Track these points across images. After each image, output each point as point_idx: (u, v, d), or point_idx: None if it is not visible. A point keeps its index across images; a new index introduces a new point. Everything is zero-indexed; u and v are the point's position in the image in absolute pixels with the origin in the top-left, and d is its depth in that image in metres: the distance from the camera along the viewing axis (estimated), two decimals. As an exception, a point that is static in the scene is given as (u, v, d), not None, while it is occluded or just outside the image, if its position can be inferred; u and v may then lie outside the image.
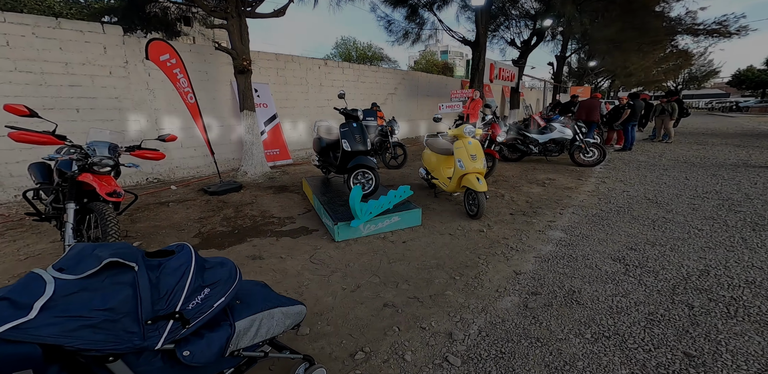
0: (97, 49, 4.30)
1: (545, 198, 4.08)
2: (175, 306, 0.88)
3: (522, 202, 3.92)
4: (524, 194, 4.27)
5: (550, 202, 3.90)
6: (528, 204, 3.83)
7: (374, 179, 3.39)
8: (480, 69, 7.78)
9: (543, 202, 3.91)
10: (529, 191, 4.41)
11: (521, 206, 3.78)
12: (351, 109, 3.47)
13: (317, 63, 7.13)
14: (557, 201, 3.93)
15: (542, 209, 3.66)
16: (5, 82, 3.73)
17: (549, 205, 3.79)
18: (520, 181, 4.97)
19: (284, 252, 2.53)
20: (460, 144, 3.39)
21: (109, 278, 0.85)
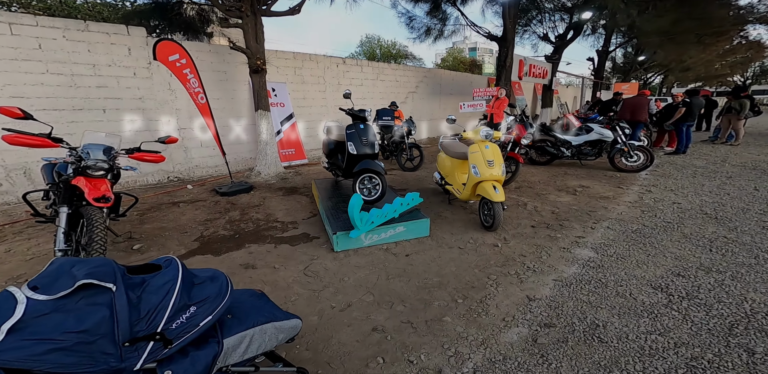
0: (122, 51, 4.51)
1: (575, 208, 3.71)
2: (157, 327, 0.87)
3: (547, 213, 3.58)
4: (550, 203, 3.91)
5: (581, 214, 3.53)
6: (554, 216, 3.50)
7: (381, 185, 3.23)
8: (507, 65, 7.35)
9: (572, 214, 3.55)
10: (556, 200, 4.04)
11: (545, 217, 3.45)
12: (358, 110, 3.34)
13: (335, 61, 7.09)
14: (589, 213, 3.55)
15: (570, 222, 3.32)
16: (38, 83, 4.00)
17: (579, 218, 3.43)
18: (547, 188, 4.59)
19: (279, 262, 2.45)
20: (476, 148, 3.14)
21: (85, 299, 0.83)
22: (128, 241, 2.73)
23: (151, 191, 4.62)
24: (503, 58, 7.36)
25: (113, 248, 2.59)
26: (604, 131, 5.55)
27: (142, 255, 2.48)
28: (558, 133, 5.89)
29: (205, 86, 5.40)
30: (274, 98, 5.94)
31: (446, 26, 9.16)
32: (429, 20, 9.01)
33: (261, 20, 4.55)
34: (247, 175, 5.35)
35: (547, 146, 5.96)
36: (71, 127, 4.31)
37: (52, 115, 4.16)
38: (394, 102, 6.71)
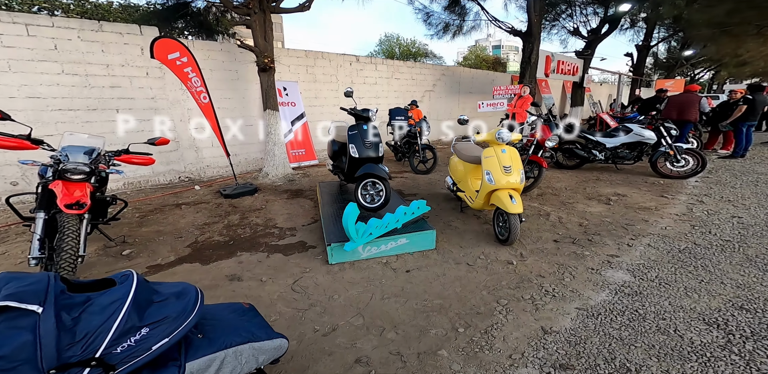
0: (135, 51, 4.59)
1: (609, 221, 3.33)
2: (95, 351, 0.80)
3: (574, 226, 3.23)
4: (578, 214, 3.54)
5: (616, 228, 3.16)
6: (582, 229, 3.14)
7: (385, 191, 3.02)
8: (533, 62, 6.91)
9: (604, 227, 3.17)
10: (586, 210, 3.66)
11: (572, 231, 3.11)
12: (361, 109, 3.16)
13: (348, 59, 6.97)
14: (626, 227, 3.16)
15: (602, 237, 2.96)
16: (53, 84, 4.14)
17: (613, 232, 3.06)
18: (575, 196, 4.19)
19: (268, 274, 2.31)
20: (491, 152, 2.86)
21: (5, 322, 0.78)
22: (120, 246, 2.69)
23: (160, 191, 4.68)
24: (528, 54, 6.93)
25: (104, 253, 2.56)
26: (645, 132, 5.03)
27: (129, 261, 2.42)
28: (590, 134, 5.43)
29: (217, 85, 5.46)
30: (285, 97, 5.89)
31: (465, 22, 8.81)
32: (447, 16, 8.70)
33: (270, 17, 4.48)
34: (255, 176, 5.32)
35: (577, 148, 5.51)
36: (86, 127, 4.44)
37: (67, 115, 4.29)
38: (414, 101, 6.45)
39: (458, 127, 9.64)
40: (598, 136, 5.38)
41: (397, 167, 6.07)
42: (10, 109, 3.92)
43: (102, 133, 4.56)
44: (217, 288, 2.08)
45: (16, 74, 3.90)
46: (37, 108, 4.08)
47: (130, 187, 4.89)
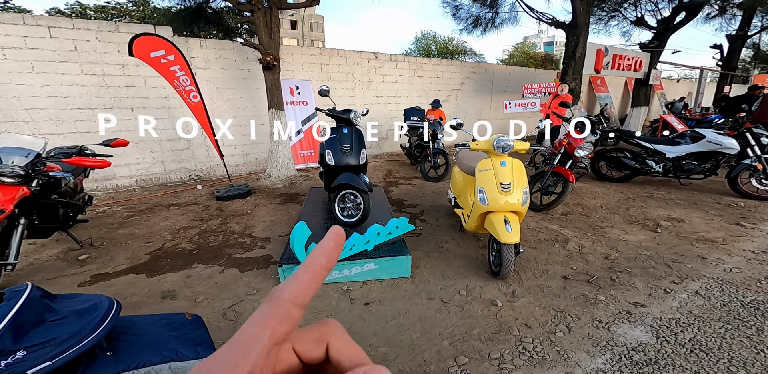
0: None
1: (648, 255, 2.73)
2: None
3: (597, 258, 2.69)
4: (609, 243, 2.96)
5: (656, 265, 2.57)
6: (607, 264, 2.60)
7: (363, 205, 2.75)
8: (578, 57, 6.10)
9: (640, 263, 2.60)
10: (620, 238, 3.05)
11: (592, 265, 2.58)
12: (342, 110, 2.91)
13: (366, 56, 6.76)
14: (671, 265, 2.56)
15: (631, 276, 2.41)
16: (73, 84, 4.47)
17: (650, 271, 2.48)
18: (612, 218, 3.55)
19: (208, 293, 2.17)
20: (488, 164, 2.44)
21: None
22: (83, 250, 2.75)
23: (165, 189, 4.87)
24: (572, 48, 6.14)
25: (61, 257, 2.61)
26: (724, 139, 4.12)
27: (81, 267, 2.44)
28: (645, 140, 4.62)
29: (229, 84, 5.58)
30: (297, 96, 5.85)
31: (498, 14, 8.11)
32: (478, 8, 8.07)
33: (276, 13, 4.42)
34: (259, 177, 5.34)
35: (626, 158, 4.72)
36: (103, 125, 4.75)
37: (85, 114, 4.63)
38: (437, 101, 6.04)
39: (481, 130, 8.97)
40: (655, 142, 4.56)
41: (409, 172, 5.74)
42: (32, 108, 4.32)
43: (118, 132, 4.87)
44: (142, 307, 1.98)
45: (39, 74, 4.27)
46: (58, 107, 4.44)
47: (141, 184, 5.16)
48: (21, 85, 4.21)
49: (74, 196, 2.72)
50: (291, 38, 32.60)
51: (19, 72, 4.18)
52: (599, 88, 11.51)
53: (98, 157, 2.71)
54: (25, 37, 4.13)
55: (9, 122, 4.22)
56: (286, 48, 6.01)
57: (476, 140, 2.59)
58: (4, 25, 4.01)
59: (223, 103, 5.58)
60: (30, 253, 2.63)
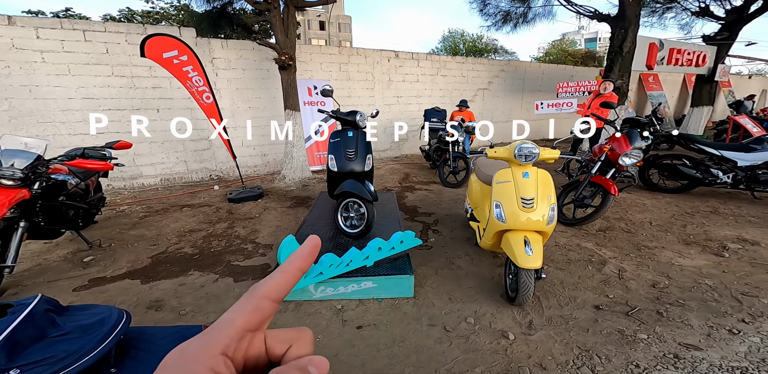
0: None
1: (710, 285, 2.32)
2: None
3: (641, 286, 2.32)
4: (658, 267, 2.56)
5: (720, 298, 2.17)
6: (654, 293, 2.23)
7: (367, 215, 2.57)
8: (625, 52, 5.46)
9: (698, 294, 2.22)
10: (673, 262, 2.64)
11: (634, 294, 2.23)
12: (348, 112, 2.75)
13: (386, 55, 6.57)
14: (741, 299, 2.16)
15: (685, 310, 2.05)
16: (105, 85, 4.71)
17: (711, 305, 2.10)
18: (664, 237, 3.10)
19: (196, 305, 2.09)
20: (507, 175, 2.17)
21: None
22: (90, 251, 2.81)
23: (185, 189, 5.01)
24: (618, 43, 5.50)
25: (68, 259, 2.66)
26: None
27: (83, 270, 2.48)
28: (710, 146, 4.03)
29: (249, 85, 5.63)
30: (315, 96, 5.81)
31: (531, 8, 7.51)
32: (508, 3, 7.52)
33: (293, 12, 4.37)
34: (274, 178, 5.35)
35: (685, 166, 4.14)
36: (130, 125, 4.98)
37: (115, 115, 4.86)
38: (464, 101, 5.76)
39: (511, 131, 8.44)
40: (723, 148, 3.95)
41: (428, 176, 5.48)
42: (68, 109, 4.60)
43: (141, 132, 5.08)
44: None
45: (75, 77, 4.54)
46: (91, 108, 4.69)
47: (165, 183, 5.36)
48: (58, 87, 4.50)
49: (86, 198, 2.80)
50: (319, 39, 33.30)
51: (57, 74, 4.46)
52: (651, 86, 10.47)
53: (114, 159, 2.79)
54: (63, 41, 4.40)
55: (47, 123, 4.53)
56: (305, 47, 5.99)
57: (494, 147, 2.31)
58: (44, 30, 4.29)
59: (243, 104, 5.66)
60: (42, 253, 2.74)
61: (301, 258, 0.25)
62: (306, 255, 0.25)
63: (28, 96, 4.36)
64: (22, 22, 4.20)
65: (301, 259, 0.25)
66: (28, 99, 4.37)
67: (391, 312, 2.08)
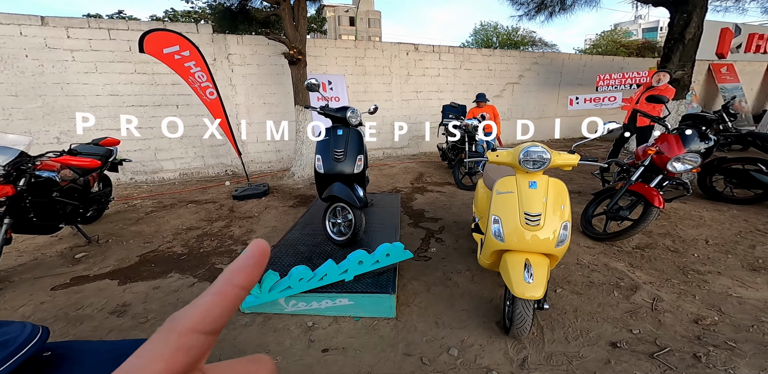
0: None
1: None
2: None
3: (678, 320, 1.91)
4: (707, 297, 2.11)
5: None
6: (695, 331, 1.83)
7: (354, 223, 2.36)
8: (687, 39, 4.64)
9: (756, 335, 1.79)
10: (731, 291, 2.17)
11: (667, 329, 1.83)
12: (337, 108, 2.54)
13: (405, 48, 6.25)
14: None
15: (734, 354, 1.66)
16: (128, 83, 4.91)
17: None
18: (722, 258, 2.58)
19: (162, 311, 2.02)
20: (510, 184, 1.84)
21: None
22: (85, 247, 2.87)
23: (200, 183, 5.12)
24: (679, 28, 4.68)
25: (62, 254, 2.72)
26: None
27: (71, 267, 2.52)
28: None
29: (263, 80, 5.61)
30: (330, 92, 5.70)
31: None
32: None
33: (304, 5, 4.23)
34: (284, 175, 5.32)
35: (758, 171, 3.45)
36: (152, 121, 5.18)
37: (138, 111, 5.07)
38: (481, 94, 5.15)
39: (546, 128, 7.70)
40: None
41: (443, 177, 5.14)
42: (96, 106, 4.86)
43: (163, 128, 5.26)
44: (85, 321, 1.88)
45: (101, 74, 4.77)
46: (116, 104, 4.93)
47: (183, 178, 5.53)
48: (86, 84, 4.76)
49: (87, 193, 2.87)
50: (350, 34, 33.30)
51: (85, 72, 4.72)
52: (724, 78, 9.11)
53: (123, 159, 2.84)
54: (90, 39, 4.63)
55: (75, 119, 4.81)
56: (319, 41, 5.86)
57: (497, 149, 1.98)
58: (73, 29, 4.54)
59: (258, 99, 5.67)
60: (43, 247, 2.86)
61: (241, 272, 0.20)
62: (250, 267, 0.20)
63: (60, 93, 4.66)
64: (54, 22, 4.47)
65: (242, 272, 0.20)
66: (60, 96, 4.67)
67: (366, 335, 1.86)
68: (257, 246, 0.21)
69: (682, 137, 2.84)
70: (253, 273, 0.20)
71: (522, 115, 7.78)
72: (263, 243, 0.22)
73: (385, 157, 6.92)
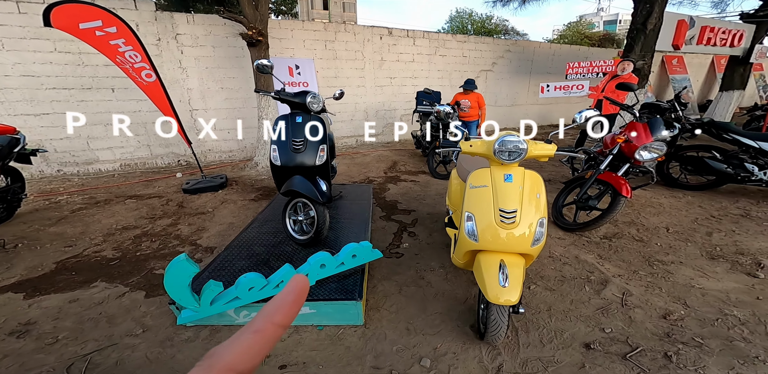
0: None
1: (741, 316, 1.87)
2: None
3: (648, 315, 1.87)
4: (673, 289, 2.10)
5: (753, 334, 1.73)
6: (664, 327, 1.79)
7: (317, 220, 2.10)
8: (649, 29, 4.78)
9: (722, 330, 1.77)
10: (694, 283, 2.18)
11: (638, 326, 1.78)
12: (296, 93, 2.26)
13: (378, 32, 5.96)
14: None
15: (703, 352, 1.62)
16: (46, 62, 4.20)
17: (739, 345, 1.66)
18: (682, 246, 2.62)
19: (76, 329, 1.66)
20: (484, 177, 1.67)
21: None
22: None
23: (146, 175, 4.57)
24: (642, 19, 4.79)
25: None
26: None
27: None
28: (746, 136, 3.44)
29: (221, 64, 5.08)
30: (297, 77, 5.30)
31: None
32: None
33: (265, -18, 3.78)
34: (245, 166, 4.90)
35: (713, 159, 3.58)
36: (81, 106, 4.50)
37: (62, 94, 4.36)
38: (470, 80, 4.81)
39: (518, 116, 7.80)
40: (761, 139, 3.37)
41: (417, 165, 4.99)
42: (6, 88, 4.10)
43: (99, 113, 4.61)
44: None
45: (10, 52, 4.02)
46: (32, 86, 4.20)
47: (125, 169, 4.92)
48: (-11, 63, 3.99)
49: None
50: (323, 19, 31.96)
51: (-13, 49, 3.95)
52: (675, 69, 9.71)
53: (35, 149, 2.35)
54: (-9, 11, 3.86)
55: (-19, 102, 4.05)
56: (285, 23, 5.40)
57: (470, 138, 1.80)
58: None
59: (215, 84, 5.14)
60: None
61: (281, 308, 0.19)
62: (290, 304, 0.20)
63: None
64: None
65: (281, 311, 0.19)
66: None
67: (330, 346, 1.64)
68: (297, 282, 0.21)
69: (650, 125, 2.85)
70: (291, 311, 0.19)
71: (495, 103, 7.79)
72: (302, 279, 0.21)
73: (359, 145, 6.64)
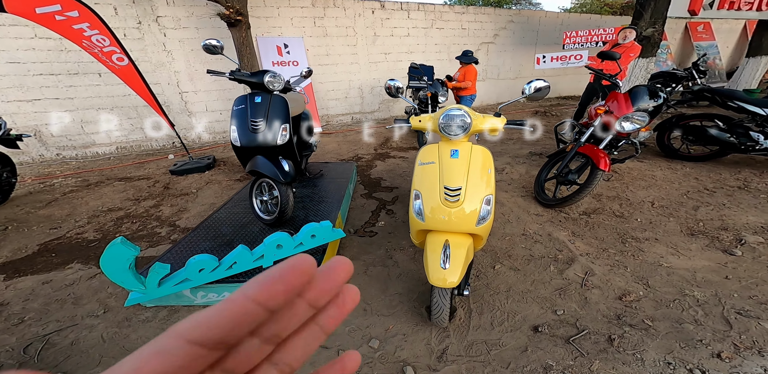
0: (108, 11, 4.27)
1: (700, 297, 1.78)
2: None
3: (604, 296, 1.80)
4: (639, 269, 2.01)
5: (706, 316, 1.66)
6: (617, 309, 1.72)
7: (280, 200, 2.05)
8: None
9: (676, 311, 1.69)
10: (663, 261, 2.07)
11: (591, 308, 1.72)
12: (254, 73, 2.12)
13: (370, 6, 5.55)
14: (735, 319, 1.59)
15: (648, 335, 1.56)
16: (29, 49, 4.09)
17: (687, 328, 1.59)
18: (663, 222, 2.48)
19: (41, 311, 1.70)
20: (432, 154, 1.56)
21: None
22: None
23: (142, 157, 4.59)
24: None
25: None
26: None
27: None
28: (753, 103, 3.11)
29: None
30: (287, 56, 5.08)
31: None
32: None
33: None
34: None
35: (716, 128, 3.29)
36: (70, 91, 4.44)
37: (49, 80, 4.30)
38: (467, 51, 4.48)
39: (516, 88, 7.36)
40: None
41: (409, 142, 4.85)
42: (-6, 75, 4.06)
43: (89, 98, 4.55)
44: None
45: (-8, 39, 3.92)
46: (20, 73, 4.13)
47: (122, 152, 4.94)
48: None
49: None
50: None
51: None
52: (700, 36, 8.84)
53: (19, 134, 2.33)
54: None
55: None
56: (270, 0, 5.04)
57: (420, 114, 1.65)
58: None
59: (202, 66, 4.97)
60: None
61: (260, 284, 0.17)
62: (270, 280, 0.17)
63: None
64: None
65: (258, 286, 0.17)
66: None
67: (283, 325, 1.64)
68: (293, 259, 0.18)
69: (631, 95, 2.61)
70: (273, 288, 0.17)
71: (497, 76, 7.36)
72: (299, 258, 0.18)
73: (354, 122, 6.47)
